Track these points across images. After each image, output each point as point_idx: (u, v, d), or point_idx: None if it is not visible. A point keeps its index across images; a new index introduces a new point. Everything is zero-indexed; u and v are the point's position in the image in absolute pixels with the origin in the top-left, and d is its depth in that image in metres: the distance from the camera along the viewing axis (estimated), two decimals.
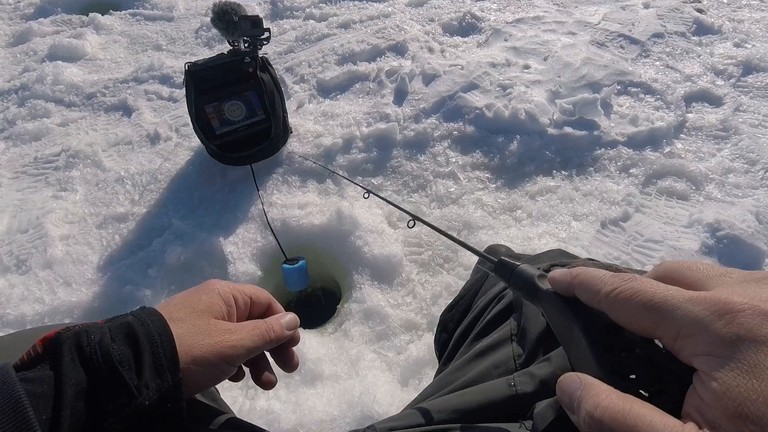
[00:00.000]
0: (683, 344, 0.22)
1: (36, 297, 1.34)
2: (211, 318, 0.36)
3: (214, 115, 1.52)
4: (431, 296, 1.29)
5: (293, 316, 0.43)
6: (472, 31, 2.28)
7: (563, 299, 0.29)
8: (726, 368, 0.20)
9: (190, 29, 2.55)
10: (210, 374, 0.35)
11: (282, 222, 1.47)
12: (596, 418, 0.21)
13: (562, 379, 0.25)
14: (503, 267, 0.35)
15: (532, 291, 0.32)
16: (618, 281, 0.25)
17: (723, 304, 0.21)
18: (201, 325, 0.34)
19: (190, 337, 0.33)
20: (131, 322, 0.32)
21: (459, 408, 0.41)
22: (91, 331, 0.30)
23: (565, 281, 0.29)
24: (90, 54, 2.40)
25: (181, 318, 0.34)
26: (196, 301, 0.36)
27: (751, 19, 2.26)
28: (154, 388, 0.30)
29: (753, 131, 1.70)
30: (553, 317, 0.30)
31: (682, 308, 0.22)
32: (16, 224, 1.57)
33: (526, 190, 1.58)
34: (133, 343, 0.31)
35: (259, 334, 0.37)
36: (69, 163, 1.78)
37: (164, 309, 0.35)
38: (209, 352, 0.33)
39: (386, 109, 1.84)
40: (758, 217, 1.39)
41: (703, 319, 0.21)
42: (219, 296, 0.38)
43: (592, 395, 0.23)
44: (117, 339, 0.31)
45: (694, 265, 0.25)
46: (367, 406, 1.06)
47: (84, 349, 0.29)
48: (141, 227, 1.54)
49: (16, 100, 2.12)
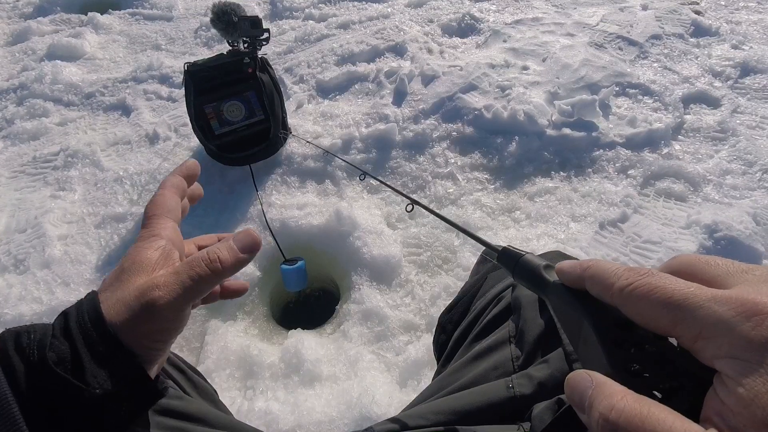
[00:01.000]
0: (705, 345, 0.21)
1: (34, 297, 1.33)
2: (136, 274, 0.32)
3: (214, 116, 1.52)
4: (430, 297, 1.30)
5: (246, 232, 0.36)
6: (471, 32, 2.29)
7: (572, 292, 0.28)
8: (755, 374, 0.19)
9: (190, 29, 2.54)
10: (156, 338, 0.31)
11: (281, 222, 1.47)
12: (611, 421, 0.20)
13: (571, 377, 0.24)
14: (507, 256, 0.34)
15: (538, 282, 0.31)
16: (634, 275, 0.24)
17: (751, 305, 0.20)
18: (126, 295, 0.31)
19: (115, 296, 0.31)
20: (69, 312, 0.31)
21: (457, 409, 0.41)
22: (34, 329, 0.29)
23: (575, 273, 0.27)
24: (89, 53, 2.40)
25: (110, 283, 0.32)
26: (123, 262, 0.34)
27: (749, 21, 2.26)
28: (103, 375, 0.28)
29: (750, 133, 1.71)
30: (560, 311, 0.29)
31: (705, 307, 0.21)
32: (14, 224, 1.57)
33: (525, 191, 1.58)
34: (68, 336, 0.29)
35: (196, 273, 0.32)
36: (67, 162, 1.77)
37: (104, 281, 0.33)
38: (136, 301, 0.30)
39: (385, 109, 1.84)
40: (756, 219, 1.39)
41: (730, 320, 0.20)
42: (149, 247, 0.35)
43: (606, 396, 0.22)
44: (57, 335, 0.29)
45: (712, 260, 0.24)
46: (365, 407, 1.06)
47: (24, 348, 0.28)
48: (139, 227, 1.53)
49: (14, 99, 2.11)
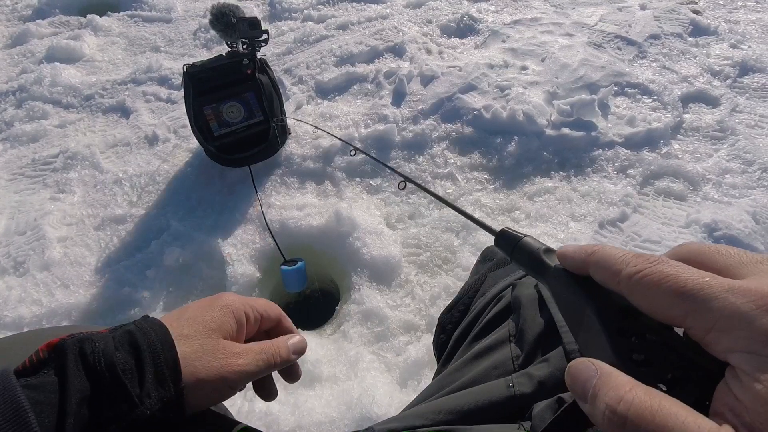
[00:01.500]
0: (718, 338, 0.20)
1: (34, 299, 1.33)
2: (220, 338, 0.35)
3: (213, 117, 1.52)
4: (430, 297, 1.30)
5: (300, 339, 0.42)
6: (470, 33, 2.29)
7: (574, 278, 0.26)
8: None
9: (189, 31, 2.55)
10: (212, 396, 0.34)
11: (280, 223, 1.47)
12: (619, 414, 0.20)
13: (573, 365, 0.23)
14: (506, 239, 0.32)
15: (538, 266, 0.29)
16: (643, 262, 0.23)
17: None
18: (209, 346, 0.34)
19: (197, 358, 0.33)
20: (133, 331, 0.32)
21: (458, 409, 0.41)
22: (95, 338, 0.31)
23: (579, 258, 0.26)
24: (88, 55, 2.40)
25: (190, 335, 0.34)
26: (209, 318, 0.36)
27: (747, 20, 2.27)
28: (155, 397, 0.30)
29: (749, 132, 1.71)
30: (562, 297, 0.27)
31: (721, 299, 0.20)
32: (13, 226, 1.57)
33: (524, 190, 1.58)
34: (136, 352, 0.31)
35: (265, 359, 0.37)
36: (67, 164, 1.77)
37: (176, 323, 0.35)
38: (214, 375, 0.33)
39: (384, 110, 1.84)
40: (755, 217, 1.39)
41: (748, 313, 0.19)
42: (231, 314, 0.37)
43: (613, 387, 0.21)
44: (120, 348, 0.31)
45: (723, 249, 0.23)
46: (365, 407, 1.06)
47: (88, 356, 0.29)
48: (139, 229, 1.53)
49: (13, 101, 2.11)
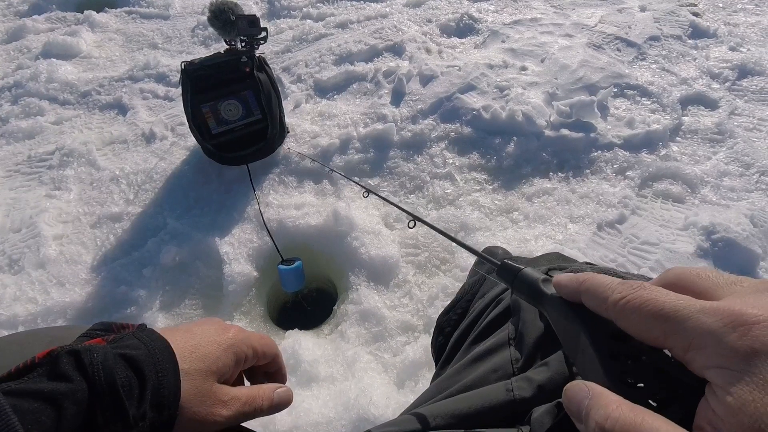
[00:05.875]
0: (694, 356, 0.21)
1: (29, 297, 1.32)
2: (215, 382, 0.36)
3: (211, 115, 1.51)
4: (428, 298, 1.29)
5: (286, 392, 0.41)
6: (470, 33, 2.28)
7: (569, 305, 0.28)
8: (741, 382, 0.19)
9: (187, 28, 2.53)
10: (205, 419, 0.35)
11: (278, 222, 1.46)
12: (607, 430, 0.21)
13: (569, 387, 0.25)
14: (506, 270, 0.34)
15: (537, 296, 0.31)
16: (627, 289, 0.24)
17: (737, 316, 0.21)
18: (204, 389, 0.35)
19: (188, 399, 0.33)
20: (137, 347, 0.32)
21: (456, 413, 0.41)
22: (93, 349, 0.30)
23: (572, 287, 0.28)
24: (85, 52, 2.39)
25: (189, 372, 0.34)
26: (212, 357, 0.36)
27: (747, 23, 2.27)
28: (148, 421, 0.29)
29: (748, 135, 1.71)
30: (559, 323, 0.29)
31: (694, 318, 0.22)
32: (8, 223, 1.56)
33: (523, 191, 1.58)
34: (138, 371, 0.30)
35: (246, 412, 0.38)
36: (63, 161, 1.76)
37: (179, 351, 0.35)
38: (197, 420, 0.34)
39: (383, 109, 1.83)
40: (753, 220, 1.40)
41: (716, 330, 0.21)
42: (233, 355, 0.38)
43: (602, 405, 0.22)
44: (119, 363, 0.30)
45: (703, 273, 0.25)
46: (363, 408, 1.05)
47: (86, 367, 0.28)
48: (136, 227, 1.52)
49: (9, 97, 2.10)
